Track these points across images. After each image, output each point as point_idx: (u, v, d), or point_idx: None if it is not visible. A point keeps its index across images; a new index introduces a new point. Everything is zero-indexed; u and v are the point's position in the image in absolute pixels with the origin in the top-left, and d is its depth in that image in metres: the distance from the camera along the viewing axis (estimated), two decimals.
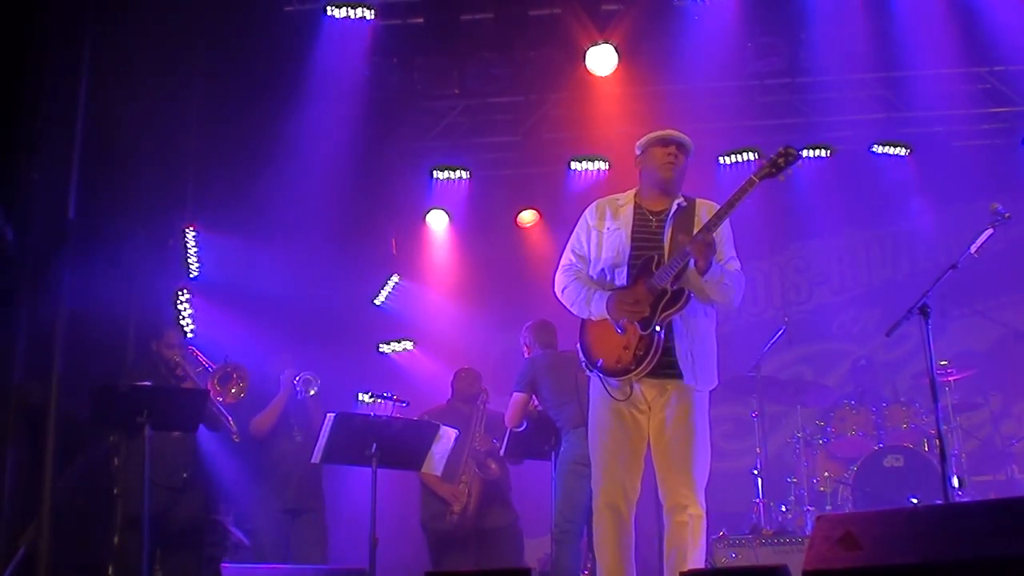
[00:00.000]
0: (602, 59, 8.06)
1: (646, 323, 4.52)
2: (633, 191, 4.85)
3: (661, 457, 4.56)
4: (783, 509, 7.65)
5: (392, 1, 8.18)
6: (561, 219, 9.39)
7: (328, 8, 7.84)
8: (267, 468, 6.88)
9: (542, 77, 8.70)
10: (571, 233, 4.93)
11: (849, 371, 8.83)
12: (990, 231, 5.19)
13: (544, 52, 8.49)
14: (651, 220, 4.72)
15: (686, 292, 4.54)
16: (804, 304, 9.93)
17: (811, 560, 3.40)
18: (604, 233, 4.76)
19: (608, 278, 4.72)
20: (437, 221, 9.61)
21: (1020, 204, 5.72)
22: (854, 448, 7.64)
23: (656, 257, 4.61)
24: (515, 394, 6.41)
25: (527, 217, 9.66)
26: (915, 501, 6.82)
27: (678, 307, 4.52)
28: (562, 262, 4.90)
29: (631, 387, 4.58)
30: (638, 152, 4.83)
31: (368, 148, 8.63)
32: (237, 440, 6.42)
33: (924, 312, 5.02)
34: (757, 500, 7.52)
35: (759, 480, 7.56)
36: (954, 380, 7.59)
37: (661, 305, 4.52)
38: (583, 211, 4.92)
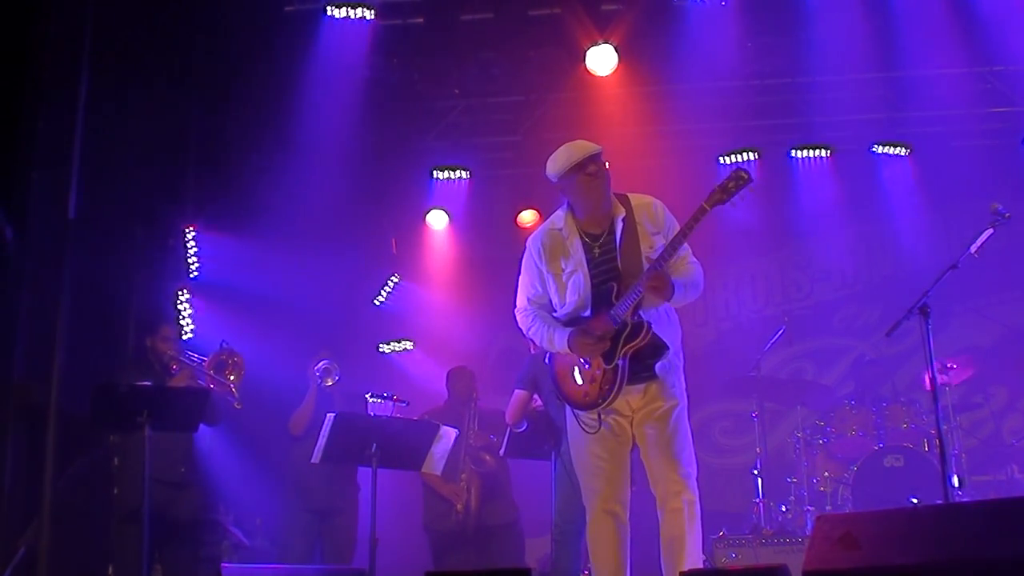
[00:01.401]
0: (602, 59, 8.06)
1: (609, 357, 4.53)
2: (567, 214, 4.73)
3: (651, 454, 4.59)
4: (783, 509, 7.65)
5: (392, 1, 8.17)
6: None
7: (328, 8, 7.84)
8: (295, 467, 6.80)
9: (542, 77, 8.70)
10: (522, 267, 4.84)
11: (850, 368, 8.83)
12: (990, 231, 5.19)
13: (544, 52, 8.49)
14: (596, 248, 4.64)
15: (645, 324, 4.51)
16: (804, 302, 9.92)
17: (811, 560, 3.40)
18: (561, 276, 4.68)
19: (575, 317, 4.68)
20: (437, 221, 9.61)
21: (1020, 204, 5.72)
22: (854, 448, 7.64)
23: (615, 287, 4.55)
24: (516, 391, 6.41)
25: (527, 217, 9.65)
26: (915, 501, 6.81)
27: (639, 340, 4.51)
28: (519, 305, 4.86)
29: (599, 419, 4.58)
30: (554, 182, 4.69)
31: (368, 148, 8.63)
32: (239, 407, 6.35)
33: (924, 312, 5.02)
34: (757, 500, 7.52)
35: (759, 480, 7.57)
36: (954, 380, 7.58)
37: (623, 339, 4.52)
38: (527, 245, 4.82)
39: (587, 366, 4.60)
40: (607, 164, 4.65)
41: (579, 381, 4.63)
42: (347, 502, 6.84)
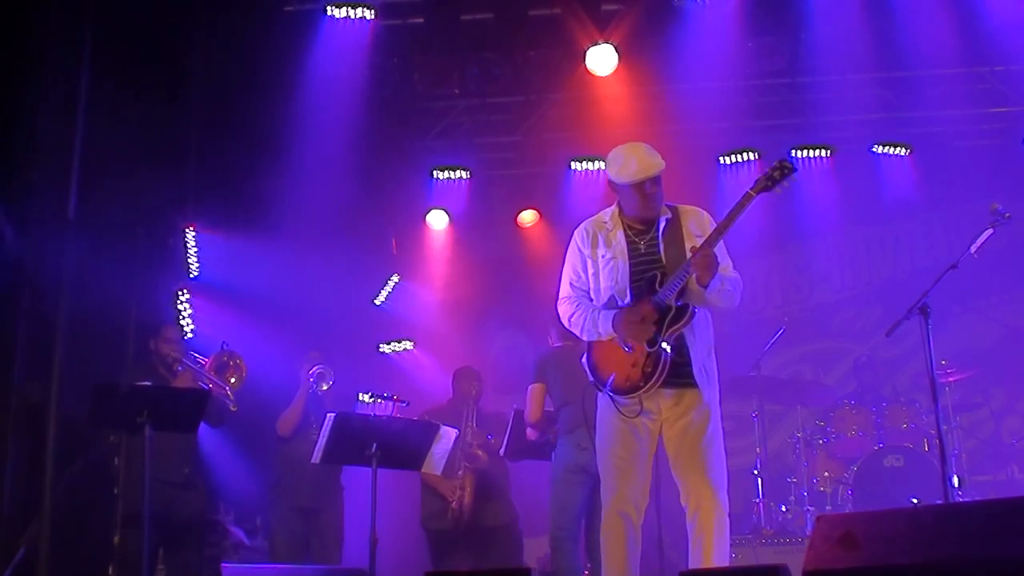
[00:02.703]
0: (602, 59, 8.06)
1: (652, 340, 4.55)
2: (616, 210, 4.85)
3: (684, 464, 4.60)
4: (783, 509, 7.65)
5: (392, 1, 8.17)
6: (561, 219, 9.41)
7: (328, 8, 7.84)
8: (283, 466, 6.85)
9: (542, 77, 8.69)
10: (563, 262, 4.93)
11: (851, 368, 8.83)
12: (990, 231, 5.19)
13: (544, 52, 8.48)
14: (640, 242, 4.74)
15: (690, 307, 4.58)
16: (804, 303, 9.93)
17: (811, 560, 3.40)
18: (600, 262, 4.78)
19: (615, 301, 4.72)
20: (437, 221, 9.61)
21: (1020, 204, 5.73)
22: (854, 448, 7.64)
23: (659, 275, 4.63)
24: (530, 387, 6.39)
25: (527, 217, 9.65)
26: (915, 501, 6.81)
27: (683, 323, 4.57)
28: (561, 294, 4.91)
29: (640, 404, 4.60)
30: (610, 181, 4.82)
31: (368, 148, 8.63)
32: (235, 409, 6.37)
33: (924, 312, 5.02)
34: (757, 500, 7.52)
35: (759, 480, 7.57)
36: (954, 380, 7.58)
37: (667, 321, 4.56)
38: (572, 235, 4.92)
39: (629, 350, 4.59)
40: (661, 178, 4.72)
41: (620, 365, 4.62)
42: (332, 500, 6.87)
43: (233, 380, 6.38)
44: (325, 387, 6.83)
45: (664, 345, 4.53)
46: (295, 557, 6.68)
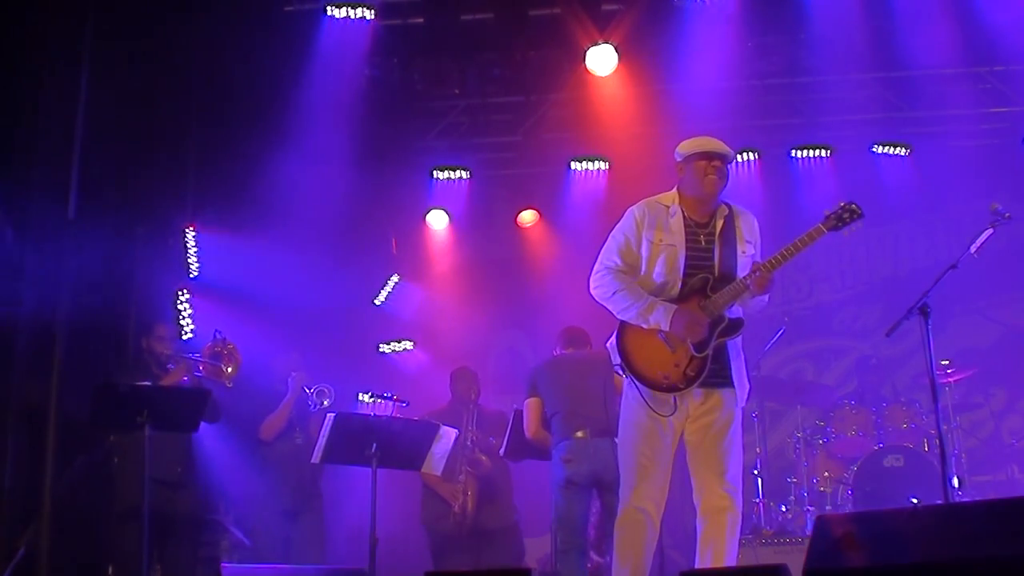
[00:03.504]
0: (602, 59, 8.05)
1: (701, 345, 4.55)
2: (675, 195, 4.79)
3: (702, 460, 4.59)
4: (783, 509, 7.65)
5: (392, 1, 8.17)
6: (561, 219, 9.42)
7: (328, 8, 7.83)
8: (266, 469, 6.88)
9: (542, 77, 8.69)
10: (614, 230, 4.81)
11: (853, 367, 8.82)
12: (990, 231, 5.19)
13: (544, 52, 8.48)
14: (700, 234, 4.71)
15: (743, 321, 4.63)
16: (804, 303, 9.93)
17: (811, 560, 3.40)
18: (659, 246, 4.69)
19: (659, 291, 4.68)
20: (437, 221, 9.61)
21: (1020, 204, 5.72)
22: (854, 448, 7.64)
23: (710, 279, 4.62)
24: (526, 401, 6.32)
25: (527, 217, 9.65)
26: (915, 501, 6.81)
27: (735, 334, 4.62)
28: (605, 263, 4.76)
29: (674, 402, 4.58)
30: (679, 159, 4.76)
31: (368, 148, 8.63)
32: (230, 386, 6.36)
33: (924, 312, 5.02)
34: (757, 500, 7.52)
35: (759, 480, 7.56)
36: (954, 380, 7.58)
37: (719, 331, 4.58)
38: (629, 210, 4.80)
39: (672, 348, 4.57)
40: (729, 168, 4.75)
41: (660, 361, 4.59)
42: (314, 502, 6.89)
43: (229, 370, 6.37)
44: (326, 403, 6.83)
45: (709, 353, 4.55)
46: (279, 557, 6.68)
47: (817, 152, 9.17)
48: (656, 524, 4.63)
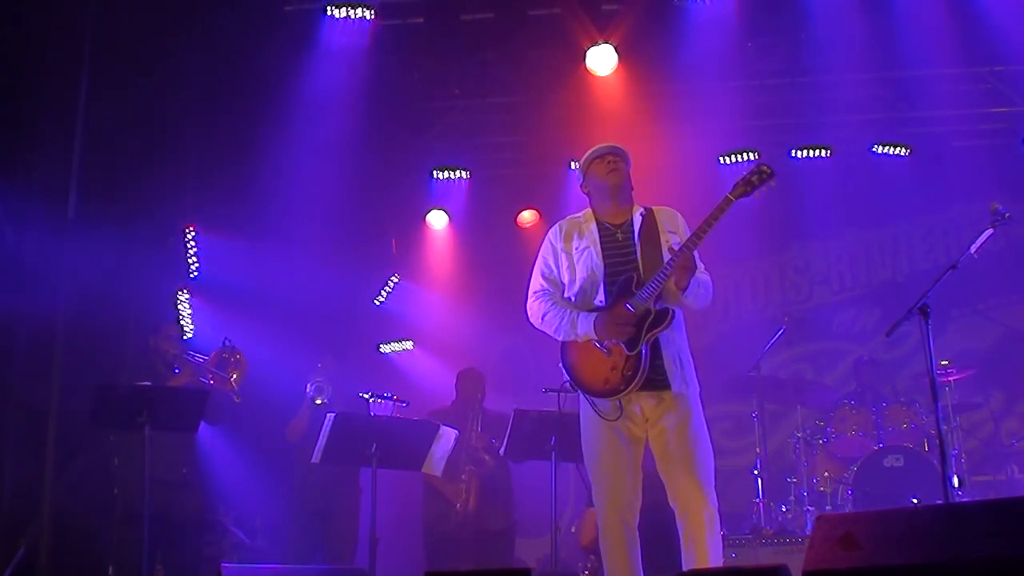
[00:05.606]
0: (602, 59, 8.06)
1: (632, 343, 4.57)
2: (589, 210, 4.92)
3: (669, 465, 4.61)
4: (783, 509, 7.64)
5: (392, 1, 8.17)
6: (561, 219, 9.40)
7: (328, 8, 7.82)
8: (295, 471, 6.89)
9: (542, 77, 8.69)
10: (535, 259, 4.95)
11: (851, 368, 8.82)
12: (990, 231, 5.18)
13: (544, 52, 8.48)
14: (616, 233, 4.78)
15: (670, 311, 4.62)
16: (804, 303, 9.93)
17: (811, 560, 3.39)
18: (574, 254, 4.80)
19: (585, 298, 4.75)
20: (437, 221, 9.61)
21: (1020, 204, 5.73)
22: (854, 448, 7.63)
23: (635, 277, 4.65)
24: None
25: (527, 217, 9.66)
26: (915, 501, 6.81)
27: (663, 326, 4.60)
28: (532, 289, 4.91)
29: (621, 407, 4.61)
30: (581, 177, 4.95)
31: (368, 148, 8.63)
32: (238, 400, 6.38)
33: (924, 312, 5.01)
34: (757, 500, 7.51)
35: (759, 480, 7.56)
36: (954, 380, 7.58)
37: (647, 325, 4.58)
38: (545, 234, 4.98)
39: (607, 353, 4.61)
40: (628, 167, 4.85)
41: (599, 368, 4.63)
42: (348, 504, 6.87)
43: (235, 376, 6.39)
44: (320, 401, 6.84)
45: (643, 348, 4.55)
46: (307, 560, 6.69)
47: (817, 152, 9.17)
48: (634, 527, 4.66)
